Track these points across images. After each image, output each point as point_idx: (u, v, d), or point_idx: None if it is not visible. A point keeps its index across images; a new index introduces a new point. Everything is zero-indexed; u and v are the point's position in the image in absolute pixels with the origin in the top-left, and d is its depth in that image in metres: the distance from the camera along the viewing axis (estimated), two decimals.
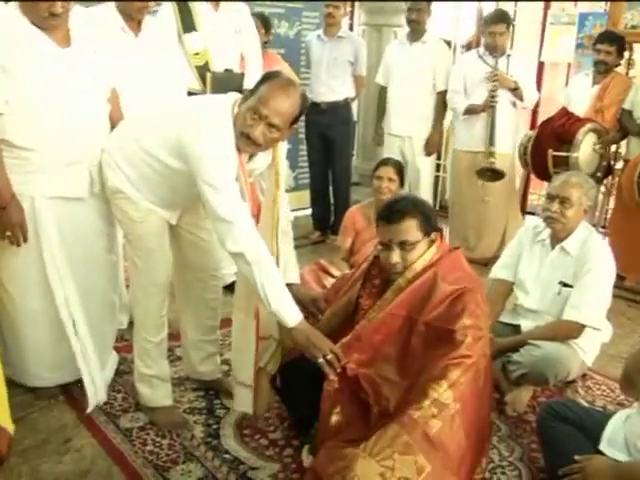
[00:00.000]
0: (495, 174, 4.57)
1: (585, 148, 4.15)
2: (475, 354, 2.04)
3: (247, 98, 2.28)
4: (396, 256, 2.24)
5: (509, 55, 4.63)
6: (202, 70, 3.71)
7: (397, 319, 2.17)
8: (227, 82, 3.74)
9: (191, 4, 3.66)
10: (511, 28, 4.78)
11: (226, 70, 3.75)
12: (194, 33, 3.68)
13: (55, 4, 2.35)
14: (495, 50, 4.57)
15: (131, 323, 3.07)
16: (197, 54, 3.67)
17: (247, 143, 2.25)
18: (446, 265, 2.22)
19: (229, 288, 4.06)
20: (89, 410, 2.69)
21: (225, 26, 3.75)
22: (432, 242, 2.27)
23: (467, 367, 2.01)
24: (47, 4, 2.34)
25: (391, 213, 2.26)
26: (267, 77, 2.31)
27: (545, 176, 4.34)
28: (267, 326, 2.43)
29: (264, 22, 4.66)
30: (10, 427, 2.25)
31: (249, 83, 3.84)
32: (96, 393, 2.72)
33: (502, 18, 4.61)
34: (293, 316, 2.20)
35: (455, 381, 1.98)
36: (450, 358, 2.01)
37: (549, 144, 4.24)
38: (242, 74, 3.89)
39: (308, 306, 2.43)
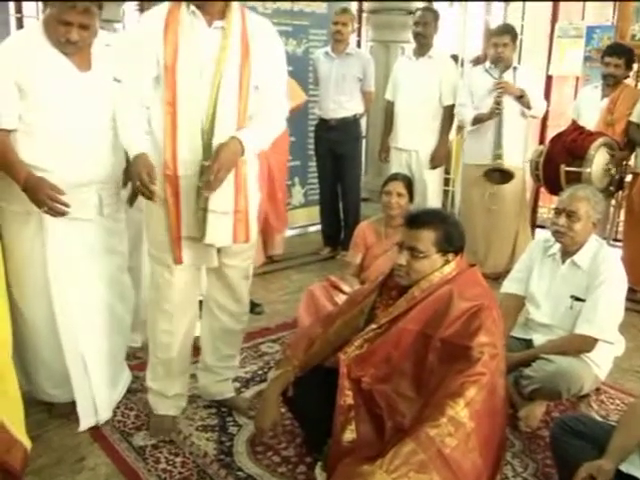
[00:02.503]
0: (503, 176, 4.56)
1: (598, 163, 4.13)
2: (491, 372, 2.03)
3: None
4: (403, 258, 2.25)
5: (515, 68, 4.67)
6: None
7: (411, 334, 2.17)
8: None
9: None
10: (517, 42, 4.80)
11: None
12: None
13: (71, 31, 2.39)
14: (500, 62, 4.59)
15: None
16: None
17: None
18: (463, 281, 2.22)
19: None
20: (81, 429, 2.70)
21: None
22: (447, 262, 2.26)
23: (483, 385, 2.01)
24: (64, 30, 2.39)
25: (414, 218, 2.29)
26: None
27: (557, 191, 4.30)
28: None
29: None
30: (26, 442, 2.27)
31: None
32: (97, 412, 2.73)
33: (507, 30, 4.67)
34: (135, 148, 2.35)
35: (471, 399, 1.97)
36: (467, 375, 2.00)
37: (561, 159, 4.22)
38: None
39: (141, 172, 2.31)
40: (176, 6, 2.39)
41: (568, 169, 4.20)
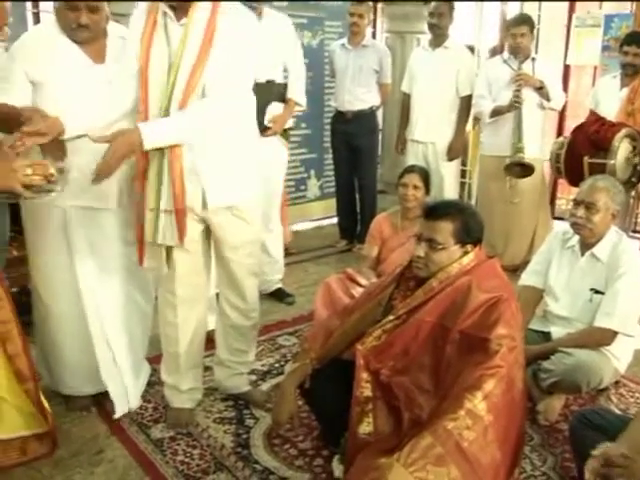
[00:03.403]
0: (524, 169, 4.52)
1: (621, 154, 4.08)
2: (509, 364, 2.02)
3: None
4: (421, 250, 2.24)
5: (533, 58, 4.61)
6: None
7: (428, 326, 2.16)
8: (268, 92, 3.76)
9: None
10: (535, 32, 4.74)
11: (268, 81, 3.78)
12: None
13: (81, 15, 2.41)
14: (518, 52, 4.55)
15: None
16: None
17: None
18: (481, 273, 2.20)
19: (273, 295, 4.14)
20: (117, 416, 2.73)
21: (266, 38, 3.78)
22: (465, 253, 2.24)
23: (501, 377, 1.99)
24: (74, 15, 2.42)
25: (432, 210, 2.28)
26: None
27: (579, 183, 4.27)
28: None
29: None
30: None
31: (293, 94, 3.90)
32: (128, 400, 2.77)
33: (524, 20, 4.62)
34: None
35: (489, 392, 1.96)
36: (485, 368, 1.98)
37: (584, 151, 4.16)
38: (284, 84, 3.89)
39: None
40: (153, 8, 2.40)
41: (592, 161, 4.14)
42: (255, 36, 2.48)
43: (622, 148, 4.05)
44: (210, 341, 2.91)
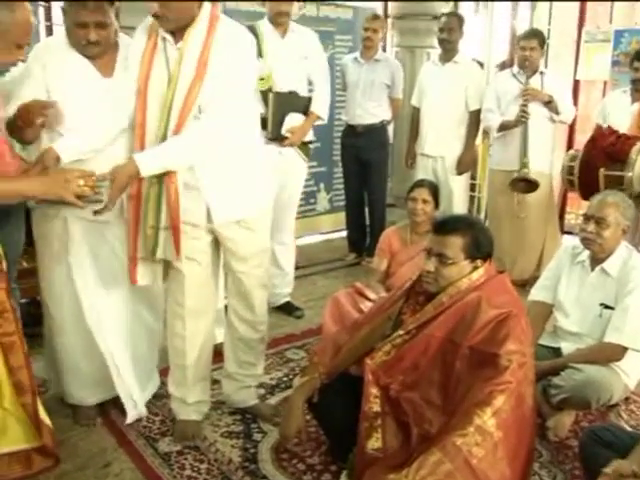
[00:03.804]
0: (529, 185, 4.51)
1: (638, 166, 4.08)
2: (518, 380, 2.01)
3: None
4: (431, 265, 2.23)
5: (542, 73, 4.61)
6: (265, 94, 3.75)
7: (438, 341, 2.15)
8: (290, 102, 3.80)
9: (259, 31, 3.73)
10: (545, 47, 4.75)
11: (290, 92, 3.80)
12: (259, 59, 3.73)
13: (89, 32, 2.45)
14: (526, 66, 4.55)
15: None
16: (262, 79, 3.70)
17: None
18: (491, 288, 2.19)
19: (281, 308, 4.14)
20: (128, 422, 2.76)
21: (291, 52, 3.81)
22: (475, 268, 2.23)
23: (510, 394, 1.98)
24: (83, 32, 2.46)
25: (442, 225, 2.28)
26: None
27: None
28: None
29: None
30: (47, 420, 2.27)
31: (316, 106, 3.91)
32: (135, 406, 2.79)
33: (535, 34, 4.63)
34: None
35: (499, 408, 1.95)
36: (494, 384, 1.98)
37: (600, 163, 4.15)
38: (308, 97, 3.92)
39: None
40: (153, 30, 2.44)
41: (608, 173, 4.12)
42: (250, 49, 2.48)
43: (639, 160, 4.04)
44: (218, 354, 2.90)
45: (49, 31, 4.47)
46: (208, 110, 2.36)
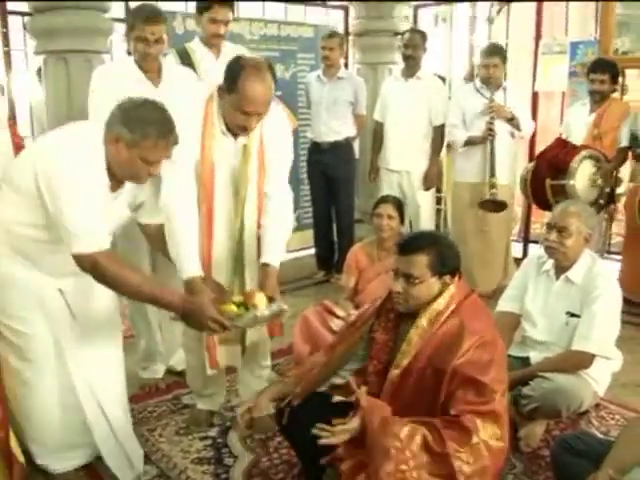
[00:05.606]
0: (497, 205, 4.58)
1: (582, 175, 4.17)
2: (503, 408, 2.06)
3: (224, 91, 2.48)
4: (399, 286, 2.22)
5: (505, 88, 4.68)
6: None
7: (424, 370, 2.14)
8: None
9: (192, 53, 3.68)
10: (506, 62, 4.82)
11: None
12: None
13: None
14: (490, 83, 4.62)
15: (168, 372, 3.44)
16: None
17: (243, 133, 2.55)
18: (468, 312, 2.18)
19: None
20: None
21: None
22: (446, 284, 2.22)
23: (496, 421, 2.02)
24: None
25: (405, 244, 2.25)
26: (237, 67, 2.44)
27: (546, 206, 4.35)
28: None
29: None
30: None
31: None
32: (132, 465, 2.59)
33: (496, 51, 4.69)
34: (187, 268, 2.46)
35: (489, 436, 1.99)
36: (481, 413, 2.00)
37: (547, 174, 4.27)
38: None
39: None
40: (210, 120, 2.53)
41: (553, 182, 4.25)
42: (289, 126, 2.86)
43: (582, 169, 4.16)
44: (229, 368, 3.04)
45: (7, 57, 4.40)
46: (275, 196, 2.72)
